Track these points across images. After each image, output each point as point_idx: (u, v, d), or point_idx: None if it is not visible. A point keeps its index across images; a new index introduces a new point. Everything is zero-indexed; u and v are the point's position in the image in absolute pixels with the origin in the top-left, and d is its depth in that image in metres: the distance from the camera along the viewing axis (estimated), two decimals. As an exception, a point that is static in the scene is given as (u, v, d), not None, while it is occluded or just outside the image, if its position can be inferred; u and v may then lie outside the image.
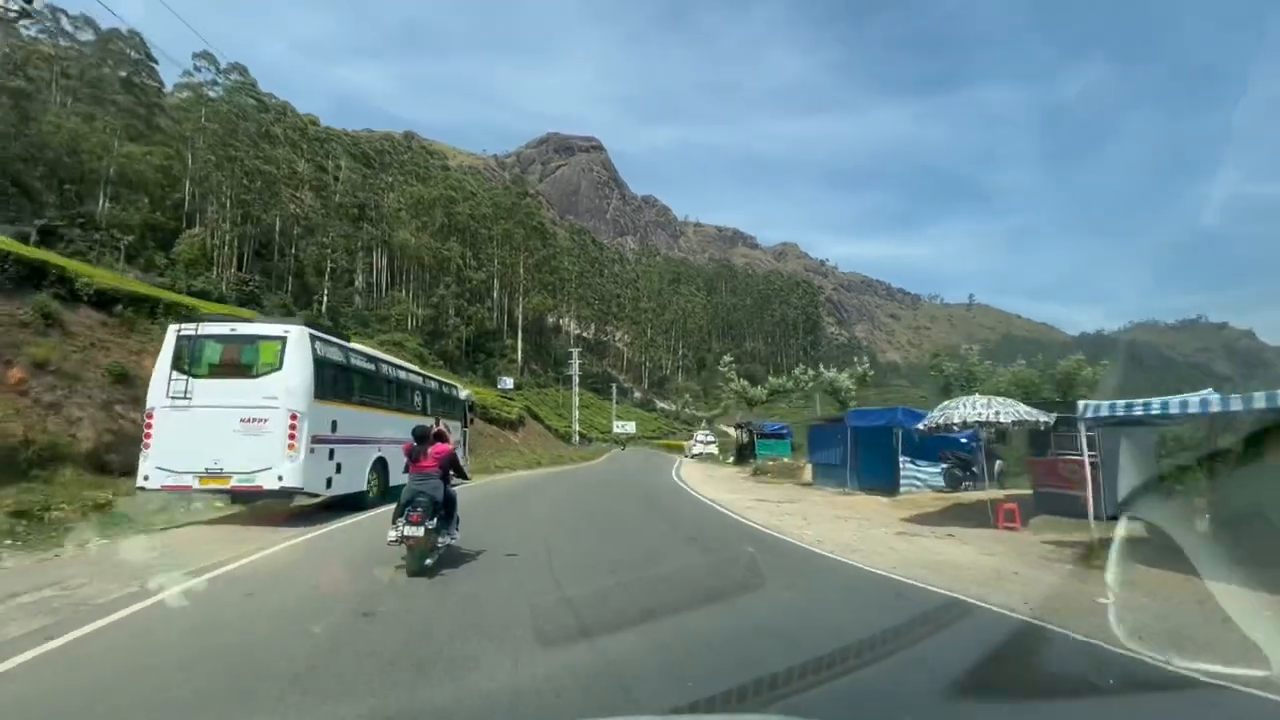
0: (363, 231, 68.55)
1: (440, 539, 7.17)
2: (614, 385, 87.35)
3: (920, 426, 12.72)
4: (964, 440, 15.78)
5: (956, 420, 11.56)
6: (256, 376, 10.51)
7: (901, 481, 16.43)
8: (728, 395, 67.53)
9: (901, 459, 16.42)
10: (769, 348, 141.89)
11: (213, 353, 10.76)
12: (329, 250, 64.00)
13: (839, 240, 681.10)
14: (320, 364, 11.04)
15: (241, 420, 10.14)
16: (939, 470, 17.30)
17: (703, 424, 65.96)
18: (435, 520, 6.91)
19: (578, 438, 59.08)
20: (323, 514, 11.25)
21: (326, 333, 12.37)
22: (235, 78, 62.63)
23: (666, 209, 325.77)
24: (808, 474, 22.58)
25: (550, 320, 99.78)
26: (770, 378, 44.10)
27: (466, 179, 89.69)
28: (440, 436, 7.91)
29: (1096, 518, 8.88)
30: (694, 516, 13.19)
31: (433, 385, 17.43)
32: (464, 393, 20.33)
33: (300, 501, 11.20)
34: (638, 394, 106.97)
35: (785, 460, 27.96)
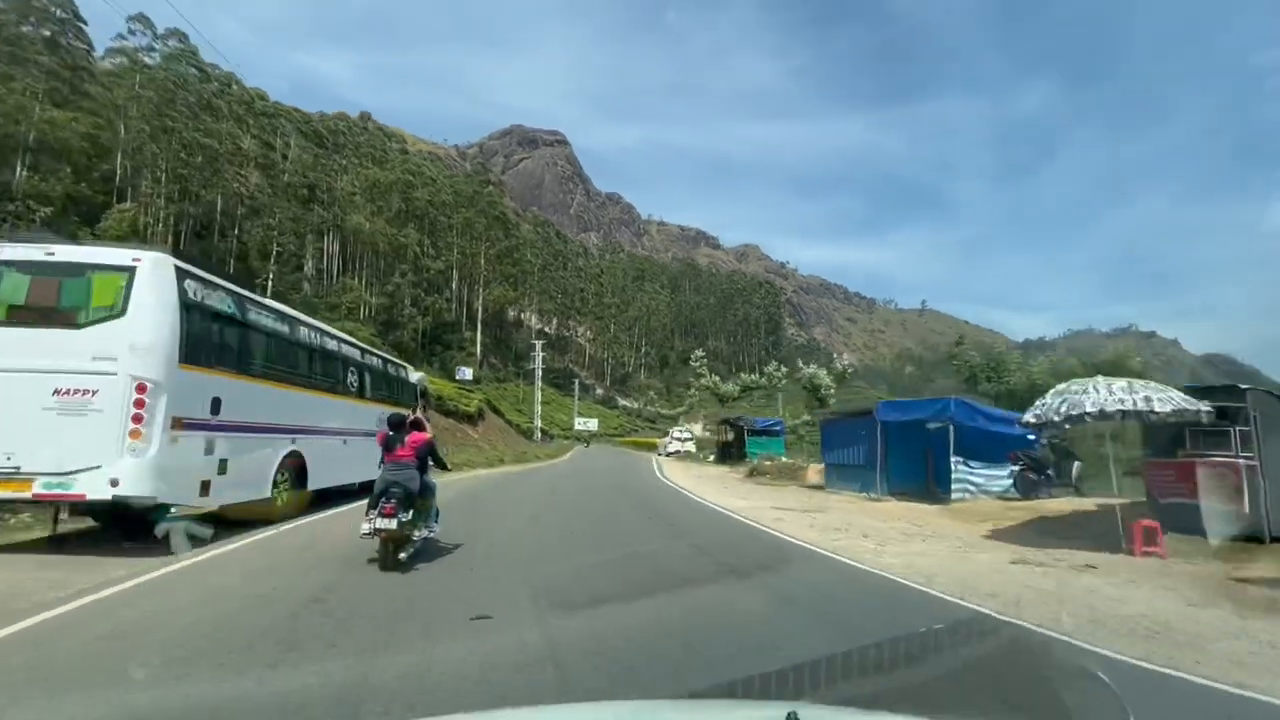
0: (313, 214, 64.95)
1: (417, 532, 6.86)
2: (576, 381, 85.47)
3: (1029, 418, 9.83)
4: (1031, 437, 13.52)
5: (1090, 409, 8.72)
6: (83, 326, 7.10)
7: (954, 486, 13.91)
8: (695, 392, 66.46)
9: (953, 459, 13.83)
10: (731, 347, 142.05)
11: (12, 287, 7.15)
12: (275, 232, 60.35)
13: (799, 243, 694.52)
14: (192, 312, 7.69)
15: (56, 393, 6.79)
16: (1004, 473, 14.81)
17: (679, 420, 64.15)
18: (411, 513, 6.60)
19: (539, 434, 57.00)
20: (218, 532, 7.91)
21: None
22: (174, 44, 58.36)
23: (630, 206, 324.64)
24: (813, 475, 20.18)
25: (511, 314, 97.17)
26: (742, 374, 42.78)
27: (426, 164, 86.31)
28: (417, 425, 7.35)
29: (1265, 537, 7.09)
30: (715, 531, 10.43)
31: (374, 362, 14.39)
32: (415, 375, 17.40)
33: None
34: (600, 391, 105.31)
35: (782, 459, 25.85)
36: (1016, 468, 14.21)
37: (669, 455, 40.05)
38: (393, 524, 6.24)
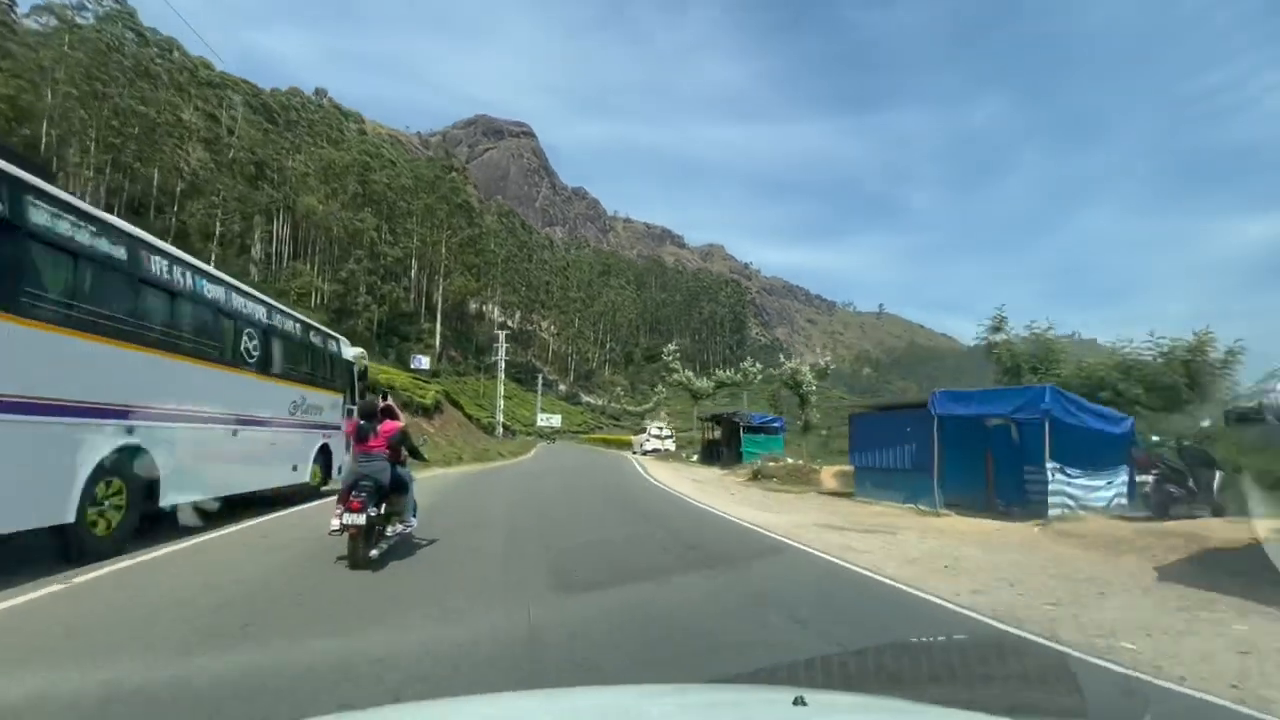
0: (261, 193, 61.15)
1: (391, 527, 6.57)
2: (539, 376, 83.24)
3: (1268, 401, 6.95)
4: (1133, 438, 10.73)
5: None
6: None
7: (1051, 499, 10.87)
8: (663, 389, 65.07)
9: (1049, 465, 10.90)
10: (696, 345, 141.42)
11: None
12: (219, 211, 56.52)
13: (762, 245, 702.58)
14: None
15: None
16: (1103, 483, 11.89)
17: (646, 417, 61.85)
18: (383, 507, 6.31)
19: (501, 430, 54.67)
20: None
21: None
22: (110, 4, 54.00)
23: (596, 202, 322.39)
24: (829, 479, 17.46)
25: (473, 306, 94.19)
26: (717, 371, 41.09)
27: (385, 146, 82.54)
28: (389, 413, 6.89)
29: None
30: (771, 567, 7.24)
31: (289, 327, 10.69)
32: (352, 350, 13.87)
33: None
34: (563, 386, 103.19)
35: (788, 461, 22.51)
36: (1149, 477, 10.95)
37: (647, 454, 36.39)
38: (361, 518, 5.78)
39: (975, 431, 12.56)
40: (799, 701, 1.28)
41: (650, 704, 1.70)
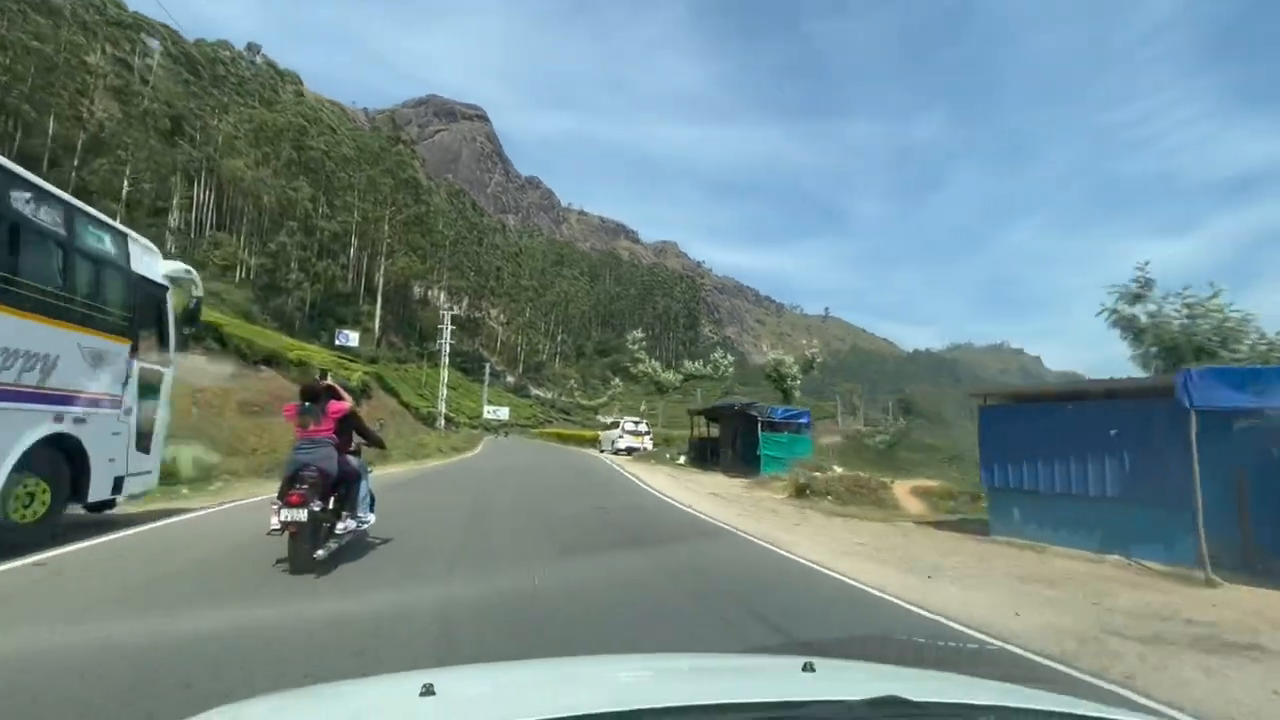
0: (179, 152, 54.91)
1: (341, 524, 5.61)
2: (486, 366, 78.99)
3: None
4: None
5: None
6: None
7: None
8: (617, 383, 62.04)
9: None
10: (649, 340, 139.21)
11: None
12: (126, 168, 50.25)
13: (715, 245, 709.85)
14: None
15: None
16: None
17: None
18: (330, 501, 5.52)
19: (443, 421, 50.42)
20: None
21: None
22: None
23: (550, 192, 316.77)
24: (907, 498, 13.51)
25: (418, 291, 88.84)
26: (686, 361, 37.96)
27: (325, 110, 76.28)
28: (332, 393, 5.87)
29: None
30: None
31: None
32: (162, 265, 8.00)
33: None
34: (511, 378, 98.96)
35: (838, 471, 16.92)
36: None
37: (620, 453, 29.79)
38: (302, 514, 4.95)
39: (1222, 438, 7.68)
40: (808, 668, 1.35)
41: (667, 669, 1.78)
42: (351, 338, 53.20)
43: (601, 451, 33.16)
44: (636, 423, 32.91)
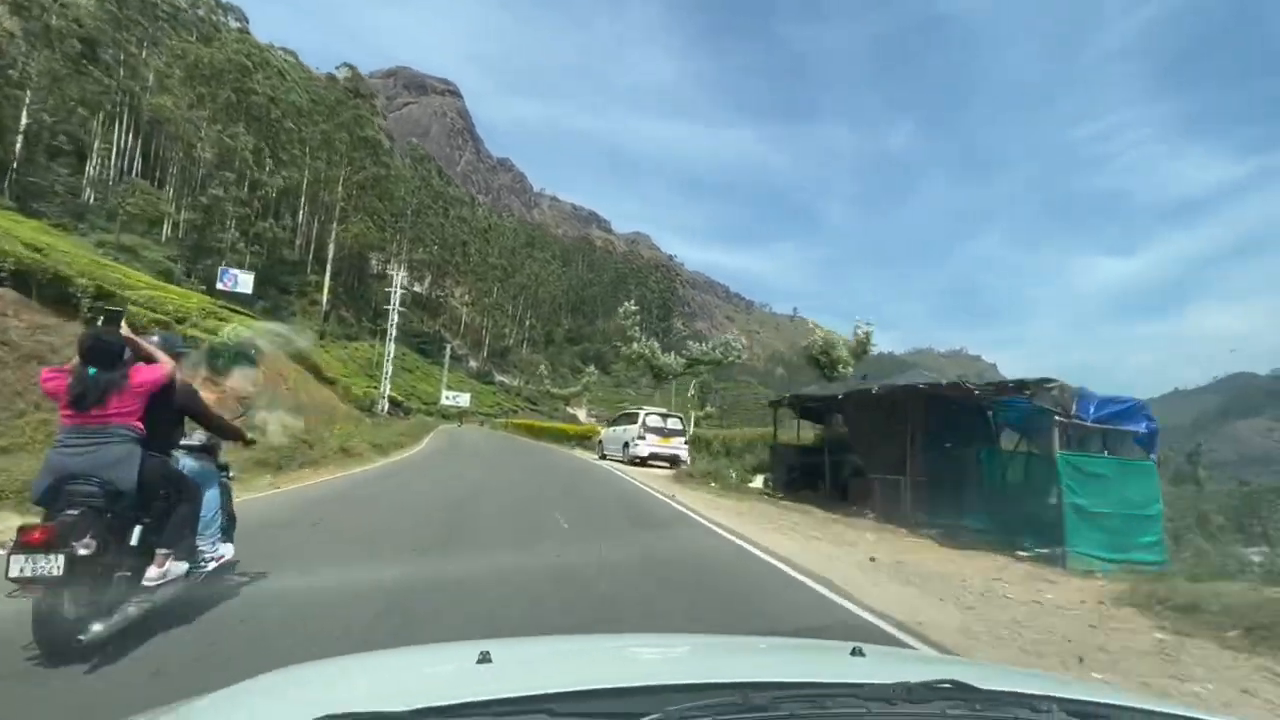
0: (90, 81, 47.03)
1: (156, 571, 3.36)
2: (447, 348, 72.40)
3: None
4: None
5: None
6: None
7: None
8: (592, 370, 56.61)
9: None
10: (621, 329, 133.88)
11: None
12: (25, 95, 42.42)
13: (686, 241, 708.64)
14: None
15: None
16: None
17: (571, 403, 50.76)
18: (133, 534, 3.32)
19: (385, 405, 42.82)
20: None
21: None
22: None
23: (523, 176, 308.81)
24: None
25: (376, 265, 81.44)
26: (691, 343, 31.86)
27: (273, 52, 68.10)
28: (136, 351, 3.55)
29: None
30: None
31: None
32: None
33: None
34: (474, 363, 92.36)
35: None
36: None
37: (636, 462, 18.88)
38: (55, 563, 2.84)
39: None
40: (856, 652, 1.36)
41: (719, 646, 1.77)
42: (242, 281, 42.31)
43: (603, 458, 21.31)
44: (665, 416, 20.20)
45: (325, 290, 64.75)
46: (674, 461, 18.81)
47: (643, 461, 18.82)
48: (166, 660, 3.12)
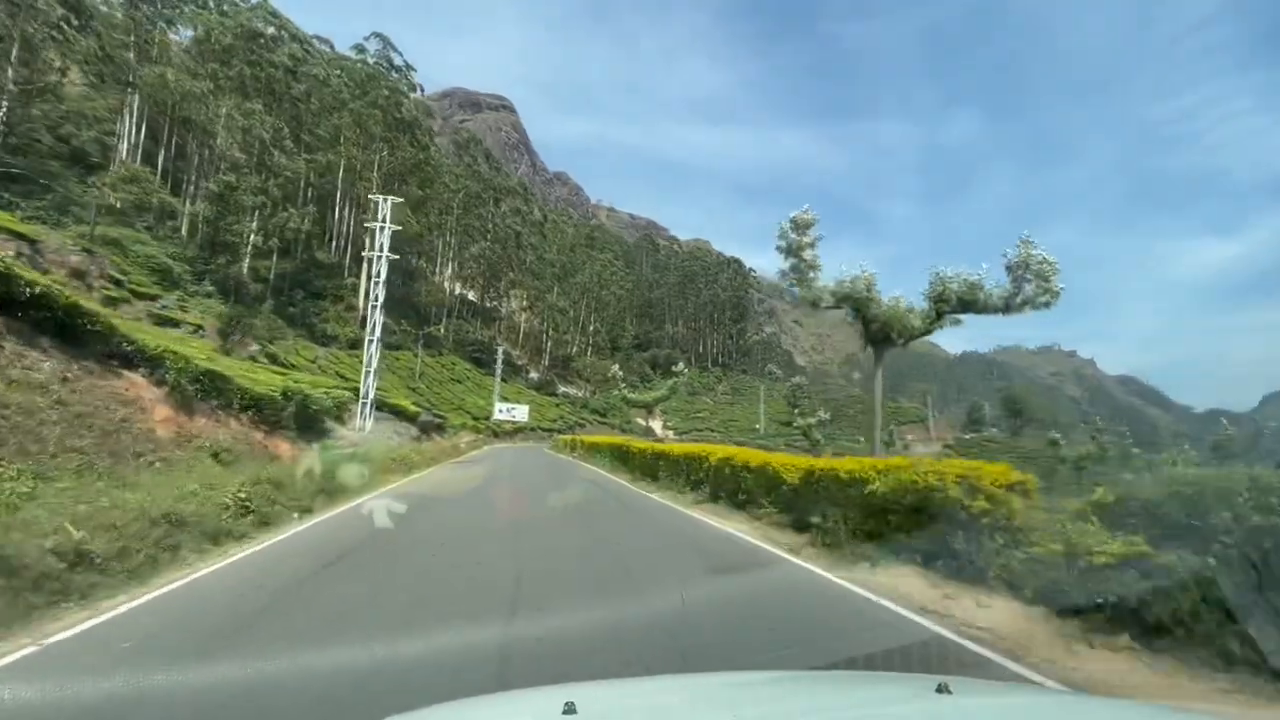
0: (77, 43, 39.86)
1: None
2: (499, 351, 62.63)
3: None
4: None
5: None
6: None
7: None
8: (681, 369, 45.18)
9: None
10: (691, 333, 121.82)
11: None
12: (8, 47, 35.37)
13: (745, 246, 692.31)
14: None
15: None
16: None
17: (654, 411, 37.82)
18: None
19: (364, 421, 30.70)
20: None
21: None
22: None
23: (579, 188, 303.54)
24: None
25: (420, 263, 73.09)
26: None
27: (291, 21, 60.69)
28: None
29: None
30: None
31: None
32: None
33: None
34: (534, 374, 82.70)
35: None
36: None
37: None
38: None
39: None
40: (942, 689, 1.31)
41: (787, 690, 1.74)
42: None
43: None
44: None
45: (361, 294, 56.26)
46: None
47: None
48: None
